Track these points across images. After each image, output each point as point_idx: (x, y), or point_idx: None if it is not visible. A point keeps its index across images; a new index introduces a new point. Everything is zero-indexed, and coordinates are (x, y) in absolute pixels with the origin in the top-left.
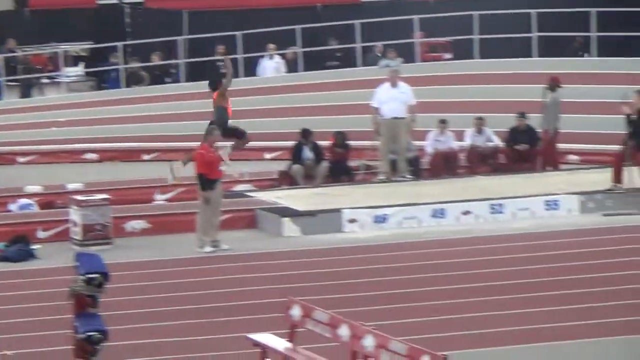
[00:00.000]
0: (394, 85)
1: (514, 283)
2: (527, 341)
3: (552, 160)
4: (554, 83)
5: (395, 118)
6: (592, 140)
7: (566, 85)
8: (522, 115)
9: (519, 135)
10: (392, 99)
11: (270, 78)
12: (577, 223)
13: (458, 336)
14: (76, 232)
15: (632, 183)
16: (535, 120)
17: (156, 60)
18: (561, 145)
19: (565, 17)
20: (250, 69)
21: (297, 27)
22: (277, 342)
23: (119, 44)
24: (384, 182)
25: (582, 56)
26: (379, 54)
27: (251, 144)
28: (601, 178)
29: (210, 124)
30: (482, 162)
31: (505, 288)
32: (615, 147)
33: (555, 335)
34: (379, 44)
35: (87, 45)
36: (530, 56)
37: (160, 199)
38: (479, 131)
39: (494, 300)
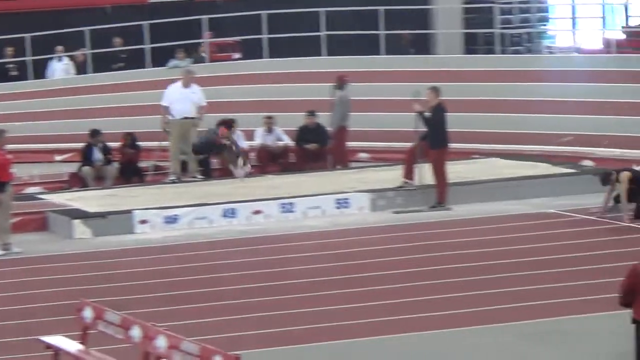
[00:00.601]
0: (186, 85)
1: (307, 282)
2: (321, 339)
3: (341, 158)
4: (341, 81)
5: (186, 118)
6: (381, 138)
7: (356, 83)
8: (311, 113)
9: (309, 133)
10: (183, 99)
11: (59, 80)
12: (368, 221)
13: (252, 335)
14: None
15: (422, 180)
16: (325, 118)
17: None
18: (351, 143)
19: (354, 15)
20: (40, 71)
21: (86, 28)
22: (69, 345)
23: None
24: (175, 182)
25: (413, 53)
26: (203, 54)
27: (41, 145)
28: (391, 176)
29: None
30: (272, 161)
31: (298, 286)
32: (406, 145)
33: (351, 333)
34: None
35: None
36: (319, 55)
37: None
38: (269, 130)
39: (289, 299)
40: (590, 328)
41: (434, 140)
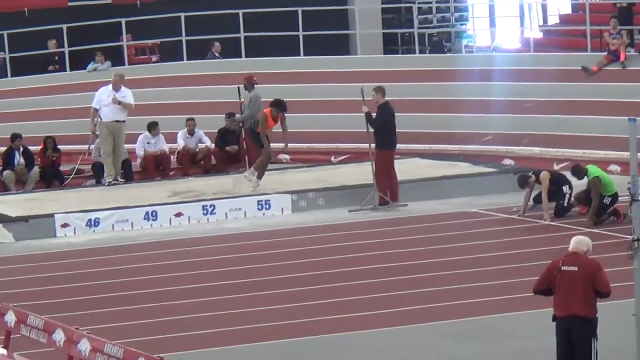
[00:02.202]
0: (115, 88)
1: (232, 283)
2: (236, 342)
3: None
4: (249, 82)
5: (117, 121)
6: (301, 139)
7: (274, 85)
8: (230, 115)
9: (228, 135)
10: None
11: None
12: (289, 222)
13: (172, 338)
14: None
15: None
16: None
17: None
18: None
19: (273, 16)
20: None
21: (4, 32)
22: None
23: None
24: (112, 184)
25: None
26: (216, 53)
27: None
28: (312, 176)
29: None
30: (194, 163)
31: (214, 289)
32: (328, 145)
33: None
34: (217, 43)
35: None
36: (238, 56)
37: None
38: (190, 133)
39: (212, 301)
40: (514, 325)
41: (382, 141)
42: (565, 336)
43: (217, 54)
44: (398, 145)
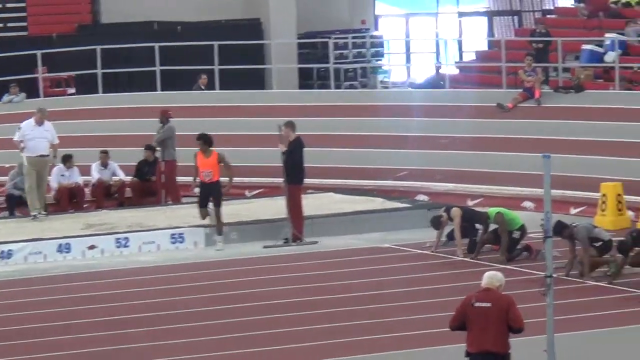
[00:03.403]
0: (39, 123)
1: (143, 316)
2: None
3: (173, 192)
4: (164, 116)
5: (42, 156)
6: None
7: (190, 119)
8: (149, 147)
9: (147, 167)
10: (37, 136)
11: None
12: (203, 256)
13: None
14: None
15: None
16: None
17: None
18: (181, 178)
19: (189, 50)
20: None
21: None
22: None
23: None
24: (37, 217)
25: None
26: (202, 86)
27: None
28: (226, 210)
29: None
30: (107, 196)
31: (134, 321)
32: (243, 179)
33: None
34: (203, 75)
35: None
36: (154, 89)
37: None
38: (105, 165)
39: (119, 335)
40: None
41: (292, 176)
42: None
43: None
44: (313, 180)
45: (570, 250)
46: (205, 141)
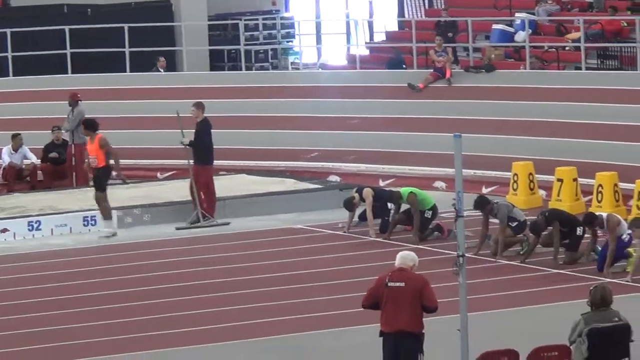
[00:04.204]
0: None
1: (56, 299)
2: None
3: (84, 175)
4: (73, 99)
5: None
6: (128, 155)
7: (101, 101)
8: (57, 129)
9: (55, 149)
10: None
11: None
12: (115, 238)
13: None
14: None
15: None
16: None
17: None
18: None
19: (100, 32)
20: None
21: None
22: None
23: None
24: None
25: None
26: (161, 69)
27: None
28: (140, 193)
29: None
30: (19, 179)
31: (47, 304)
32: (152, 161)
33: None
34: (162, 58)
35: None
36: (65, 72)
37: None
38: (15, 149)
39: (31, 318)
40: (340, 341)
41: (201, 157)
42: (392, 351)
43: None
44: (225, 162)
45: (484, 226)
46: (87, 126)
